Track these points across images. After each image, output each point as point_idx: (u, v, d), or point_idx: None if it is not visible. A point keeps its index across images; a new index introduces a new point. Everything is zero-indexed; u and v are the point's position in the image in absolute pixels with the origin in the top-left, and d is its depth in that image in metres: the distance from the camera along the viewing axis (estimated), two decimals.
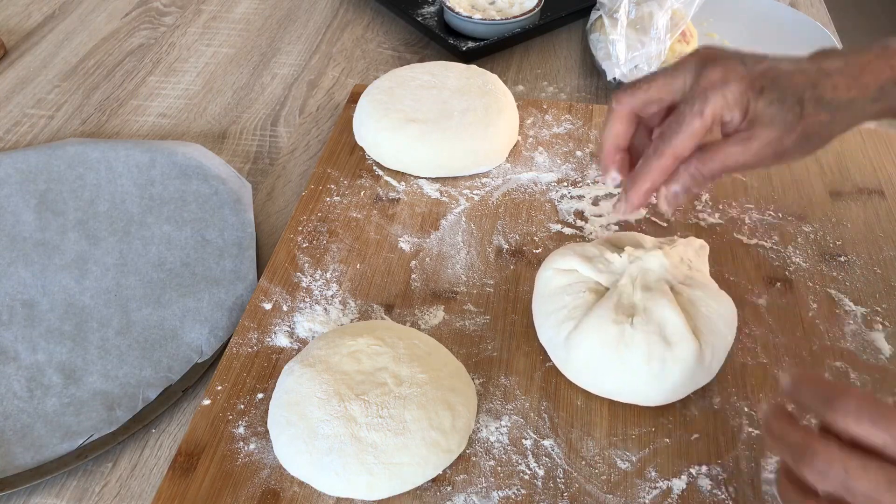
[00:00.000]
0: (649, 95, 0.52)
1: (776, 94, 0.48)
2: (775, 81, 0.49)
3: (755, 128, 0.49)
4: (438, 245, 0.69)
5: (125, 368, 0.61)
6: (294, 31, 1.03)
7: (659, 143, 0.50)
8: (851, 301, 0.63)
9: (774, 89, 0.48)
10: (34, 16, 1.06)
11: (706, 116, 0.49)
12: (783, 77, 0.49)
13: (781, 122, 0.48)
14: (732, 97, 0.48)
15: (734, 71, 0.49)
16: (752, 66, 0.49)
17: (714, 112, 0.48)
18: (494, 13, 0.96)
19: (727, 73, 0.49)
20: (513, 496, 0.51)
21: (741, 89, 0.48)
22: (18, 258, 0.70)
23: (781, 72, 0.49)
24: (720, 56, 0.50)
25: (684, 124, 0.49)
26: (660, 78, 0.52)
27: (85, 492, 0.55)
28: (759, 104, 0.48)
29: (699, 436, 0.55)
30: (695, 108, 0.49)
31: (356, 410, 0.52)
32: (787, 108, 0.48)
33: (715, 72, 0.49)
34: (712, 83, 0.49)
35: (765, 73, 0.49)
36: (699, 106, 0.49)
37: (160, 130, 0.87)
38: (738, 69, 0.49)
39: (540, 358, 0.59)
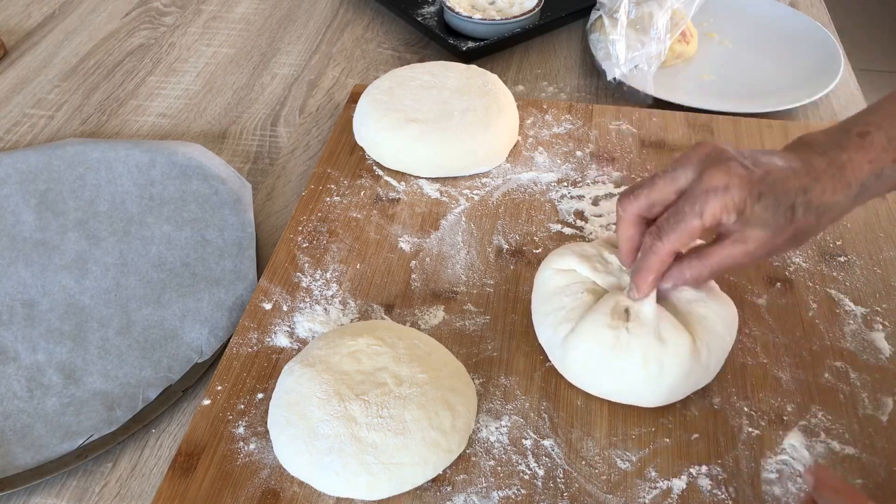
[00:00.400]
0: (652, 199, 0.53)
1: (772, 199, 0.49)
2: (772, 187, 0.50)
3: (749, 230, 0.50)
4: (438, 245, 0.69)
5: (125, 368, 0.61)
6: (294, 31, 1.03)
7: (655, 241, 0.52)
8: (851, 301, 0.63)
9: (771, 195, 0.49)
10: (34, 16, 1.06)
11: (706, 218, 0.50)
12: (779, 183, 0.50)
13: (774, 225, 0.50)
14: (733, 202, 0.49)
15: (737, 176, 0.49)
16: (752, 169, 0.50)
17: (714, 214, 0.49)
18: (494, 13, 0.96)
19: (730, 177, 0.49)
20: (513, 496, 0.51)
21: (742, 195, 0.49)
22: (18, 258, 0.70)
23: (778, 177, 0.50)
24: (722, 156, 0.51)
25: (683, 223, 0.50)
26: (660, 181, 0.52)
27: (85, 492, 0.55)
28: (756, 209, 0.49)
29: (699, 436, 0.55)
30: (695, 208, 0.50)
31: (356, 410, 0.52)
32: (781, 213, 0.50)
33: (718, 175, 0.49)
34: (714, 187, 0.49)
35: (763, 179, 0.50)
36: (699, 207, 0.50)
37: (160, 130, 0.87)
38: (740, 173, 0.49)
39: (540, 358, 0.59)
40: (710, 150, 0.51)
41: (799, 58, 0.94)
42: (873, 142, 0.52)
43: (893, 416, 0.56)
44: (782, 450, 0.54)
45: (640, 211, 0.53)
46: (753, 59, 0.95)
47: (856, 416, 0.56)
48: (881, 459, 0.53)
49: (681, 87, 0.90)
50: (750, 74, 0.93)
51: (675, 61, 0.93)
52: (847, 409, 0.56)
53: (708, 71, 0.93)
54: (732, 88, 0.90)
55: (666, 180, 0.52)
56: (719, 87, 0.90)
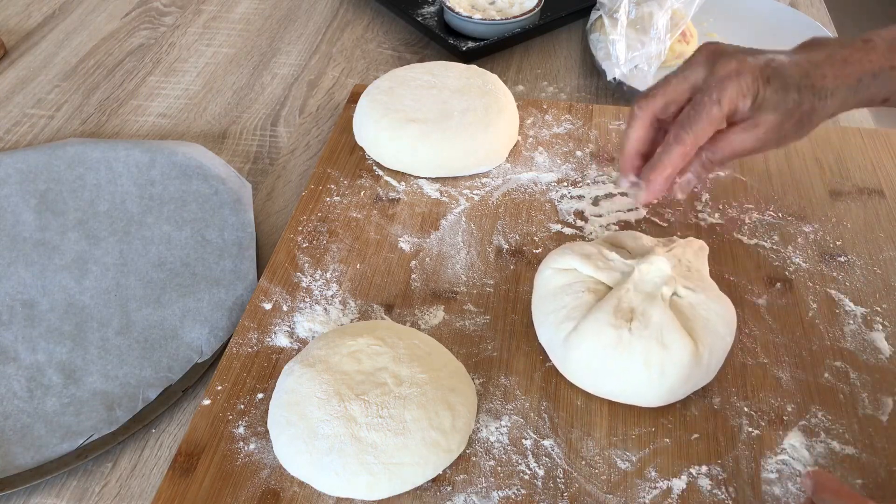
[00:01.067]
0: (668, 97, 0.55)
1: (780, 82, 0.53)
2: (778, 71, 0.53)
3: (760, 114, 0.53)
4: (438, 245, 0.69)
5: (125, 368, 0.61)
6: (294, 31, 1.03)
7: (679, 131, 0.54)
8: (851, 301, 0.63)
9: (778, 78, 0.53)
10: (34, 16, 1.06)
11: (724, 103, 0.52)
12: (782, 68, 0.54)
13: (784, 108, 0.53)
14: (746, 85, 0.52)
15: (745, 62, 0.53)
16: (757, 58, 0.54)
17: (731, 99, 0.52)
18: (494, 13, 0.96)
19: (740, 63, 0.53)
20: (513, 496, 0.51)
21: (753, 78, 0.52)
22: (18, 258, 0.70)
23: (781, 63, 0.54)
24: (727, 50, 0.54)
25: (703, 112, 0.53)
26: (673, 79, 0.55)
27: (85, 492, 0.55)
28: (767, 92, 0.53)
29: (699, 436, 0.55)
30: (713, 96, 0.53)
31: (356, 410, 0.52)
32: (789, 96, 0.53)
33: (729, 63, 0.53)
34: (728, 73, 0.53)
35: (768, 64, 0.53)
36: (717, 94, 0.52)
37: (160, 130, 0.87)
38: (748, 60, 0.53)
39: (540, 358, 0.59)
40: (715, 48, 0.55)
41: None
42: (875, 46, 0.55)
43: (893, 416, 0.56)
44: (782, 450, 0.54)
45: (656, 110, 0.56)
46: None
47: (856, 416, 0.56)
48: (881, 459, 0.53)
49: None
50: None
51: (675, 61, 0.93)
52: (847, 409, 0.56)
53: None
54: None
55: (679, 79, 0.55)
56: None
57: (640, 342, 0.54)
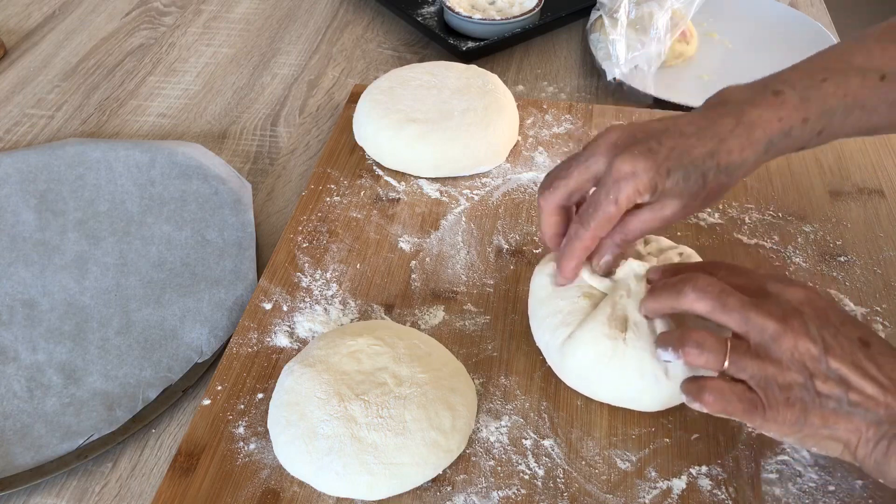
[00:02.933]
0: (569, 188, 0.55)
1: (681, 173, 0.52)
2: (679, 161, 0.52)
3: (665, 199, 0.53)
4: (438, 245, 0.69)
5: (125, 368, 0.61)
6: (294, 31, 1.03)
7: (578, 227, 0.54)
8: (851, 301, 0.63)
9: (679, 169, 0.52)
10: (34, 16, 1.06)
11: (621, 204, 0.52)
12: (685, 154, 0.52)
13: (688, 193, 0.53)
14: (643, 185, 0.52)
15: (640, 162, 0.51)
16: (657, 149, 0.52)
17: (628, 198, 0.52)
18: (494, 13, 0.96)
19: (635, 164, 0.51)
20: (513, 496, 0.51)
21: (650, 177, 0.51)
22: (18, 258, 0.70)
23: (684, 148, 0.52)
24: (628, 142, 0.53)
25: (600, 210, 0.53)
26: (575, 169, 0.54)
27: (85, 492, 0.55)
28: (667, 183, 0.52)
29: (699, 436, 0.55)
30: (609, 196, 0.52)
31: (356, 410, 0.52)
32: (692, 182, 0.52)
33: (625, 164, 0.52)
34: (623, 174, 0.52)
35: (669, 156, 0.52)
36: (613, 195, 0.52)
37: (160, 130, 0.87)
38: (644, 158, 0.52)
39: (540, 358, 0.59)
40: (618, 137, 0.54)
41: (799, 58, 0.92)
42: (786, 100, 0.54)
43: None
44: (782, 450, 0.54)
45: (559, 201, 0.55)
46: (753, 59, 0.95)
47: None
48: None
49: (681, 87, 0.90)
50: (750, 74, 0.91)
51: (675, 61, 0.93)
52: None
53: (708, 71, 0.93)
54: None
55: (581, 170, 0.54)
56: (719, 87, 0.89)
57: (635, 352, 0.53)
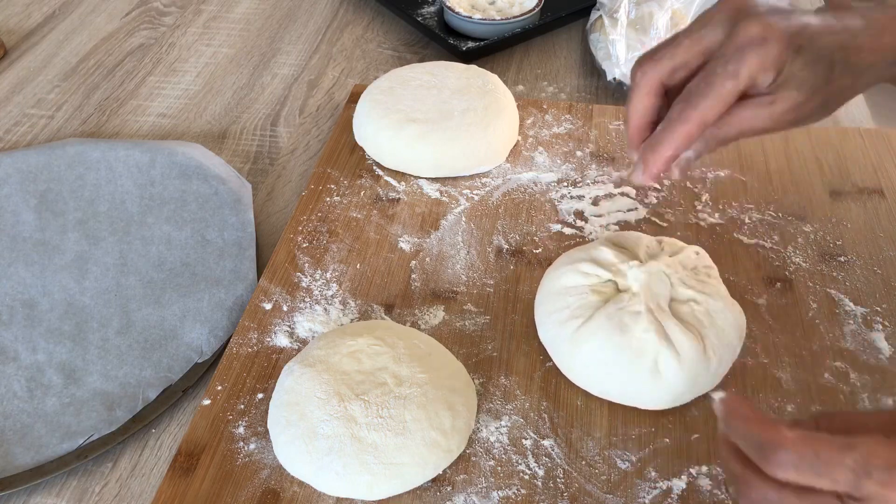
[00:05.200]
0: (676, 61, 0.47)
1: (812, 55, 0.44)
2: (812, 41, 0.45)
3: (783, 90, 0.45)
4: (438, 245, 0.69)
5: (125, 368, 0.61)
6: (294, 31, 1.03)
7: (685, 107, 0.45)
8: (851, 301, 0.63)
9: (810, 50, 0.44)
10: (34, 16, 1.06)
11: (742, 78, 0.44)
12: (817, 37, 0.45)
13: (810, 85, 0.45)
14: (771, 57, 0.44)
15: (773, 27, 0.44)
16: (789, 21, 0.45)
17: (750, 73, 0.44)
18: (494, 13, 0.96)
19: (766, 28, 0.44)
20: (513, 496, 0.51)
21: (780, 48, 0.44)
22: (18, 258, 0.70)
23: (815, 30, 0.45)
24: (753, 8, 0.45)
25: (715, 86, 0.45)
26: (685, 39, 0.47)
27: (85, 492, 0.55)
28: (795, 66, 0.44)
29: (699, 436, 0.55)
30: (728, 68, 0.44)
31: (356, 410, 0.52)
32: (819, 71, 0.45)
33: (752, 27, 0.44)
34: (750, 40, 0.44)
35: (801, 31, 0.44)
36: (734, 66, 0.44)
37: (160, 130, 0.87)
38: (776, 24, 0.44)
39: (540, 358, 0.59)
40: (740, 4, 0.46)
41: None
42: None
43: None
44: None
45: (661, 76, 0.47)
46: None
47: None
48: None
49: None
50: None
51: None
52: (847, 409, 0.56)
53: None
54: None
55: (692, 40, 0.46)
56: None
57: (649, 346, 0.53)
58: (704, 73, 0.46)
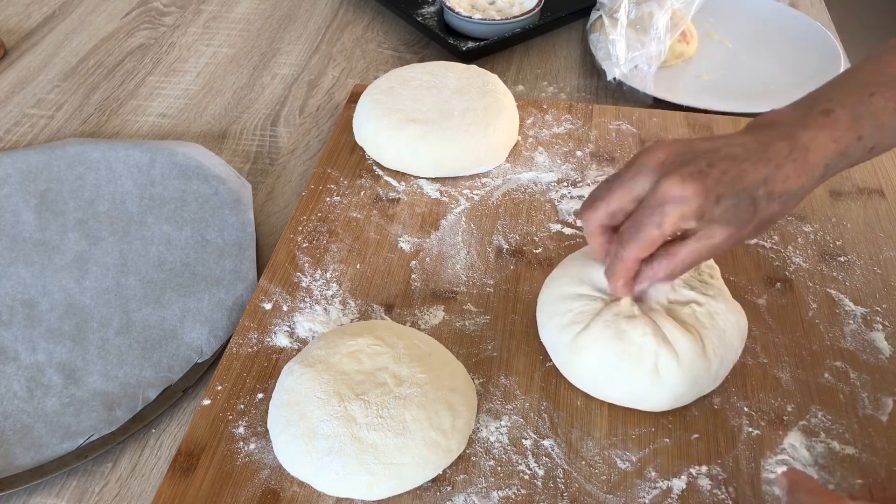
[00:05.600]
0: (611, 208, 0.52)
1: (732, 199, 0.48)
2: (731, 186, 0.48)
3: (712, 228, 0.49)
4: (438, 245, 0.69)
5: (125, 368, 0.61)
6: (294, 31, 1.03)
7: (619, 249, 0.51)
8: (851, 301, 0.63)
9: (731, 196, 0.48)
10: (34, 16, 1.06)
11: (665, 228, 0.49)
12: (737, 180, 0.48)
13: (737, 221, 0.49)
14: (690, 211, 0.48)
15: (691, 183, 0.48)
16: (708, 171, 0.48)
17: (673, 224, 0.49)
18: (494, 13, 0.96)
19: (684, 186, 0.48)
20: (513, 496, 0.51)
21: (699, 202, 0.48)
22: (18, 258, 0.70)
23: (736, 173, 0.48)
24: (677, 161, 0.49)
25: (642, 233, 0.50)
26: (617, 190, 0.51)
27: (85, 492, 0.55)
28: (717, 211, 0.48)
29: (699, 436, 0.55)
30: (653, 219, 0.49)
31: (356, 410, 0.52)
32: (743, 209, 0.49)
33: (673, 185, 0.48)
34: (671, 197, 0.48)
35: (720, 180, 0.48)
36: (657, 219, 0.49)
37: (160, 130, 0.87)
38: (695, 180, 0.48)
39: (540, 358, 0.59)
40: (666, 156, 0.50)
41: (799, 58, 0.94)
42: (837, 119, 0.50)
43: (893, 416, 0.56)
44: (782, 450, 0.54)
45: (600, 222, 0.53)
46: (753, 59, 0.95)
47: (856, 416, 0.56)
48: (881, 459, 0.53)
49: (681, 87, 0.90)
50: (750, 74, 0.93)
51: (675, 61, 0.93)
52: (847, 409, 0.56)
53: (708, 71, 0.93)
54: (732, 88, 0.90)
55: (624, 190, 0.51)
56: (719, 87, 0.91)
57: (649, 349, 0.53)
58: (633, 220, 0.50)
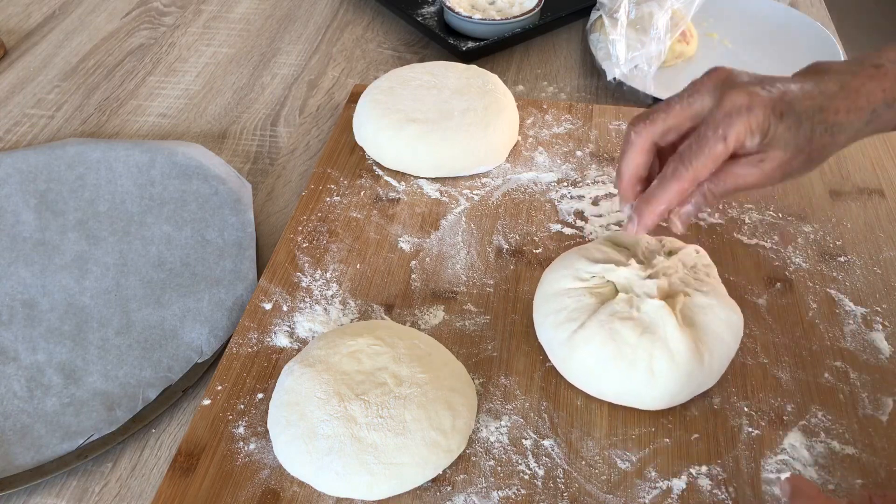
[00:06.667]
0: (668, 124, 0.51)
1: (793, 119, 0.49)
2: (791, 106, 0.49)
3: (770, 150, 0.50)
4: (438, 245, 0.69)
5: (125, 368, 0.61)
6: (294, 31, 1.03)
7: (678, 166, 0.50)
8: (851, 301, 0.63)
9: (791, 114, 0.49)
10: (34, 16, 1.06)
11: (730, 141, 0.49)
12: (796, 102, 0.50)
13: (794, 145, 0.50)
14: (756, 122, 0.49)
15: (757, 96, 0.49)
16: (770, 89, 0.49)
17: (738, 136, 0.49)
18: (494, 13, 0.96)
19: (751, 97, 0.49)
20: (513, 496, 0.51)
21: (764, 114, 0.49)
22: (18, 258, 0.70)
23: (794, 96, 0.50)
24: (738, 80, 0.50)
25: (706, 148, 0.49)
26: (676, 104, 0.51)
27: (85, 492, 0.56)
28: (779, 129, 0.49)
29: (699, 436, 0.55)
30: (718, 132, 0.49)
31: (356, 410, 0.52)
32: (801, 133, 0.49)
33: (739, 96, 0.49)
34: (737, 108, 0.49)
35: (782, 98, 0.49)
36: (723, 130, 0.49)
37: (160, 130, 0.87)
38: (760, 94, 0.49)
39: (540, 358, 0.59)
40: (725, 76, 0.51)
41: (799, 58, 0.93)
42: (887, 72, 0.51)
43: (893, 416, 0.56)
44: (782, 450, 0.54)
45: (654, 136, 0.52)
46: (753, 59, 0.95)
47: (856, 416, 0.56)
48: (881, 459, 0.53)
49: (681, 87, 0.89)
50: None
51: (675, 61, 0.93)
52: (847, 409, 0.56)
53: None
54: None
55: (682, 105, 0.51)
56: None
57: (643, 347, 0.54)
58: (696, 136, 0.50)
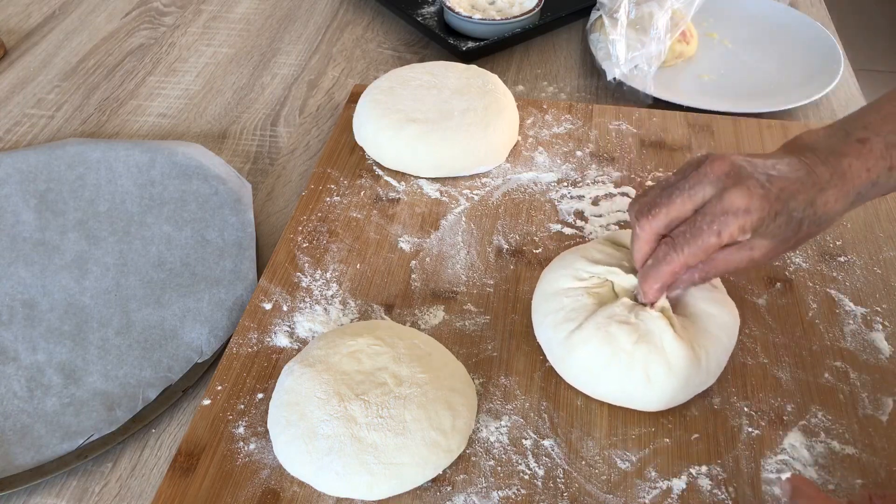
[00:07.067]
0: (670, 217, 0.52)
1: (785, 217, 0.50)
2: (786, 205, 0.50)
3: (758, 240, 0.51)
4: (438, 245, 0.69)
5: (125, 368, 0.61)
6: (294, 31, 1.03)
7: (670, 252, 0.52)
8: (851, 301, 0.63)
9: (785, 214, 0.50)
10: (34, 16, 1.06)
11: (723, 237, 0.50)
12: (791, 199, 0.50)
13: (782, 238, 0.51)
14: (751, 223, 0.50)
15: (757, 197, 0.49)
16: (769, 187, 0.50)
17: (732, 235, 0.50)
18: (494, 13, 0.96)
19: (751, 198, 0.49)
20: (513, 496, 0.51)
21: (761, 216, 0.49)
22: (18, 258, 0.70)
23: (791, 192, 0.50)
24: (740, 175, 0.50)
25: (700, 239, 0.50)
26: (678, 197, 0.52)
27: (85, 492, 0.56)
28: (771, 226, 0.50)
29: (699, 436, 0.55)
30: (714, 227, 0.50)
31: (356, 410, 0.52)
32: (790, 228, 0.51)
33: (740, 197, 0.49)
34: (735, 208, 0.49)
35: (779, 197, 0.50)
36: (718, 227, 0.50)
37: (160, 130, 0.87)
38: (759, 195, 0.49)
39: (540, 358, 0.59)
40: (729, 168, 0.51)
41: (799, 58, 0.94)
42: (872, 149, 0.52)
43: (893, 416, 0.56)
44: (782, 450, 0.54)
45: (658, 230, 0.53)
46: (753, 59, 0.95)
47: (856, 416, 0.56)
48: (881, 459, 0.53)
49: (681, 87, 0.90)
50: (750, 74, 0.92)
51: (675, 61, 0.93)
52: (847, 409, 0.56)
53: (708, 71, 0.93)
54: (732, 88, 0.90)
55: (684, 198, 0.52)
56: (719, 86, 0.90)
57: (639, 350, 0.54)
58: (691, 225, 0.51)
